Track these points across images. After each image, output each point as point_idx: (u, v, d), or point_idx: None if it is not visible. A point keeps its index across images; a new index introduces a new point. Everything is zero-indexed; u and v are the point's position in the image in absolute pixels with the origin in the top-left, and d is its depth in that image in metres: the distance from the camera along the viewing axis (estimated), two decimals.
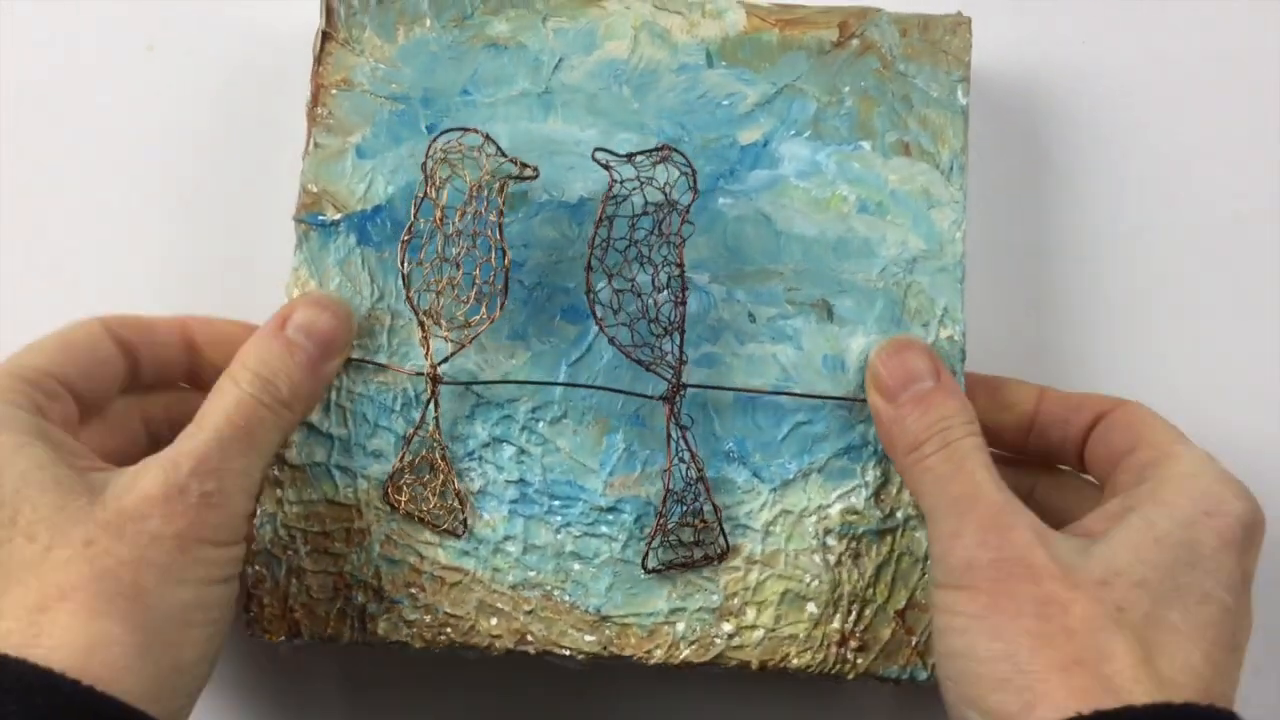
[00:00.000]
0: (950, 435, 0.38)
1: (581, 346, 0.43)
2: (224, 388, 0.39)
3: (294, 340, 0.40)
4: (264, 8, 0.45)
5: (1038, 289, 0.49)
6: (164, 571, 0.35)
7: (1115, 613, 0.34)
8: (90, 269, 0.48)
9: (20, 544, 0.34)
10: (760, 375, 0.43)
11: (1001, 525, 0.36)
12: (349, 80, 0.44)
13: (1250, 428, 0.48)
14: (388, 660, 0.45)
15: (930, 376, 0.40)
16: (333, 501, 0.42)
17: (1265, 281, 0.49)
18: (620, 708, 0.46)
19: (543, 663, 0.42)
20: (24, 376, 0.38)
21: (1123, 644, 0.33)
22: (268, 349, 0.40)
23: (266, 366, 0.39)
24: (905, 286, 0.44)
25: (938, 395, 0.39)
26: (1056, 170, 0.50)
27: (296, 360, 0.40)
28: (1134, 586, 0.34)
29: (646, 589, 0.42)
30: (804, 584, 0.42)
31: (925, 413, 0.39)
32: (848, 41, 0.45)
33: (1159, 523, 0.36)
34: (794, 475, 0.43)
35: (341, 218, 0.43)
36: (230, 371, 0.39)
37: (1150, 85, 0.50)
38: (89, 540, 0.34)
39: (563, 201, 0.44)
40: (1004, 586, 0.35)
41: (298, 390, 0.39)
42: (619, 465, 0.43)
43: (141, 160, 0.49)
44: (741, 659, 0.42)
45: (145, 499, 0.35)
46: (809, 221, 0.44)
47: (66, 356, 0.39)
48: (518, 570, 0.42)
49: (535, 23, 0.45)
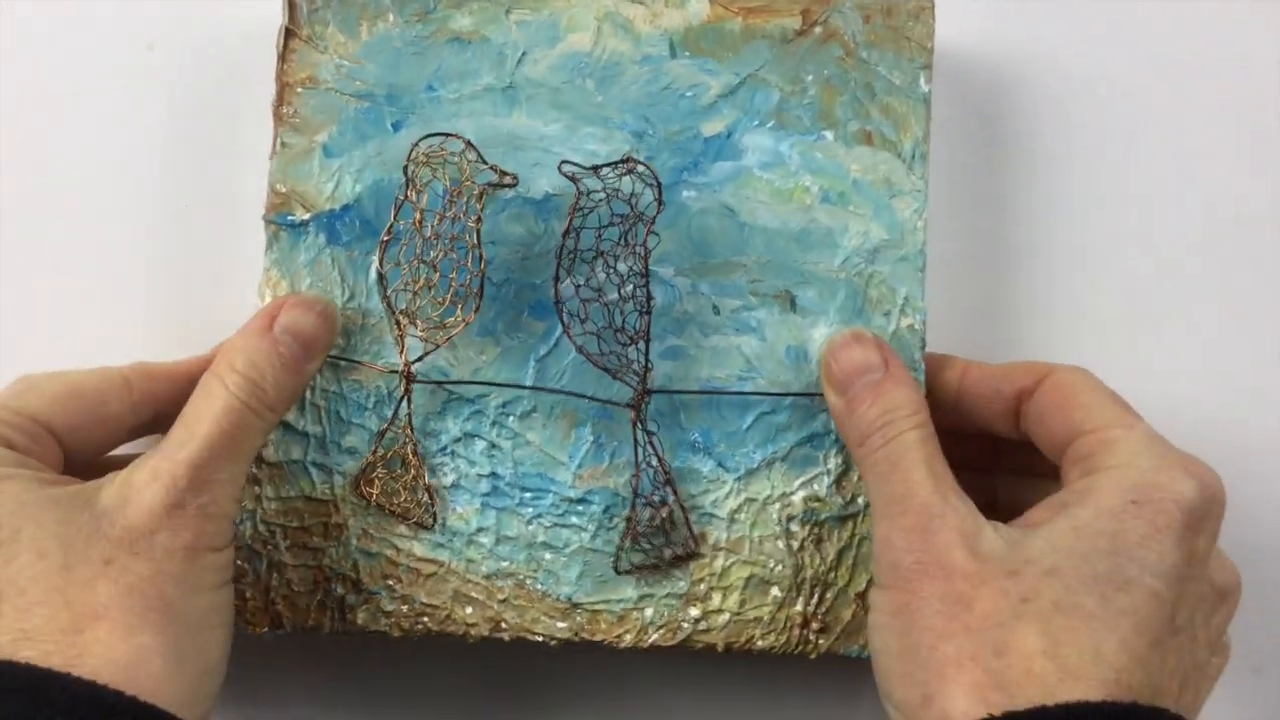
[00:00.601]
0: (892, 430, 0.38)
1: (549, 342, 0.44)
2: (212, 390, 0.39)
3: (280, 341, 0.40)
4: (265, 7, 0.44)
5: (999, 276, 0.50)
6: (181, 582, 0.36)
7: (1019, 604, 0.34)
8: (90, 268, 0.49)
9: (29, 560, 0.35)
10: (725, 367, 0.44)
11: (927, 528, 0.36)
12: (314, 78, 0.45)
13: (1208, 408, 0.49)
14: (367, 644, 0.47)
15: (879, 368, 0.40)
16: (310, 498, 0.43)
17: (1227, 268, 0.49)
18: (592, 686, 0.48)
19: (517, 646, 0.44)
20: (5, 420, 0.38)
21: (1024, 635, 0.34)
22: (255, 349, 0.40)
23: (255, 369, 0.39)
24: (867, 276, 0.44)
25: (885, 385, 0.40)
26: (1019, 157, 0.50)
27: (283, 362, 0.40)
28: (1043, 575, 0.34)
29: (616, 577, 0.43)
30: (768, 569, 0.44)
31: (873, 404, 0.39)
32: (811, 29, 0.45)
33: (1080, 514, 0.36)
34: (758, 464, 0.44)
35: (310, 217, 0.44)
36: (217, 372, 0.39)
37: (1113, 70, 0.50)
38: (108, 559, 0.35)
39: (529, 198, 0.44)
40: (916, 586, 0.35)
41: (282, 392, 0.40)
42: (587, 457, 0.44)
43: (141, 160, 0.49)
44: (708, 641, 0.43)
45: (150, 514, 0.36)
46: (772, 213, 0.45)
47: (67, 406, 0.39)
48: (491, 561, 0.43)
49: (498, 15, 0.45)
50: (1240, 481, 0.47)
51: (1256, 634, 0.36)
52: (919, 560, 0.36)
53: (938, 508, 0.36)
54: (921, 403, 0.40)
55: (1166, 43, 0.50)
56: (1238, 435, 0.48)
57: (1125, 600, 0.34)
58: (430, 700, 0.47)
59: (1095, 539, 0.35)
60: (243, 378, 0.39)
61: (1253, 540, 0.47)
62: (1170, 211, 0.50)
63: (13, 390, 0.40)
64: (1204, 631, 0.36)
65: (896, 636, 0.36)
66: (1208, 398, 0.49)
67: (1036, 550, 0.35)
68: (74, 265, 0.49)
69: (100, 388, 0.40)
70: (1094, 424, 0.38)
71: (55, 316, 0.48)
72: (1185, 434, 0.47)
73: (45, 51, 0.50)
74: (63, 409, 0.39)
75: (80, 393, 0.40)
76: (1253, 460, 0.48)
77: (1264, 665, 0.47)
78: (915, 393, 0.40)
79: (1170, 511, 0.35)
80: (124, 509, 0.36)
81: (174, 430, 0.38)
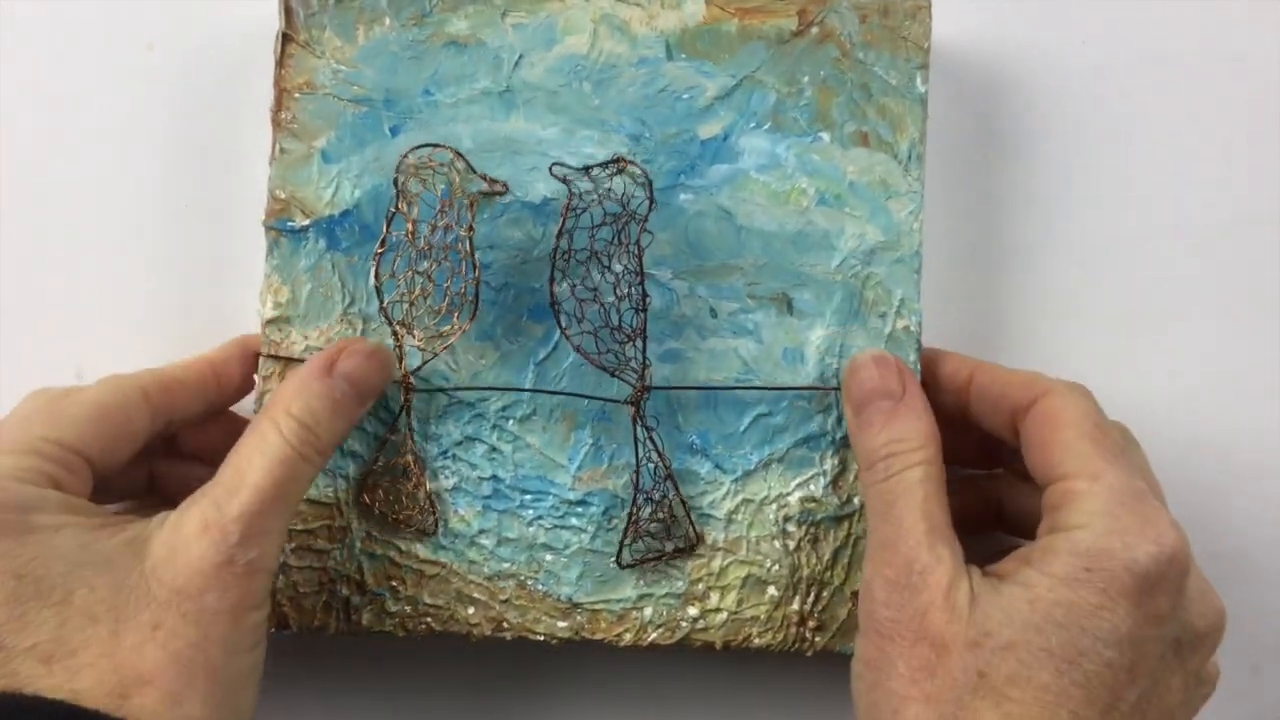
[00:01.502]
0: (895, 465, 0.39)
1: (549, 344, 0.44)
2: (266, 435, 0.38)
3: (338, 388, 0.40)
4: (265, 7, 0.44)
5: (995, 277, 0.50)
6: (225, 645, 0.36)
7: (976, 678, 0.35)
8: (90, 267, 0.49)
9: (79, 623, 0.35)
10: (722, 369, 0.44)
11: (908, 585, 0.37)
12: (311, 83, 0.45)
13: (1206, 406, 0.49)
14: (372, 643, 0.48)
15: (895, 394, 0.41)
16: (314, 501, 0.44)
17: (1224, 267, 0.50)
18: (593, 685, 0.48)
19: (519, 645, 0.45)
20: (45, 454, 0.38)
21: (978, 711, 0.34)
22: (314, 393, 0.39)
23: (311, 414, 0.39)
24: (863, 278, 0.45)
25: (899, 412, 0.40)
26: (1015, 157, 0.50)
27: (338, 407, 0.39)
28: (1000, 650, 0.35)
29: (615, 577, 0.44)
30: (765, 569, 0.44)
31: (881, 430, 0.40)
32: (807, 30, 0.45)
33: (1036, 584, 0.36)
34: (755, 465, 0.44)
35: (310, 223, 0.44)
36: (272, 415, 0.39)
37: (1110, 69, 0.50)
38: (156, 624, 0.35)
39: (526, 202, 0.44)
40: (887, 644, 0.36)
41: (335, 439, 0.40)
42: (587, 460, 0.44)
43: (141, 159, 0.49)
44: (706, 640, 0.44)
45: (199, 574, 0.36)
46: (768, 215, 0.45)
47: (98, 429, 0.39)
48: (493, 562, 0.44)
49: (494, 18, 0.45)
50: (1239, 480, 0.48)
51: (1256, 633, 0.36)
52: (893, 618, 0.37)
53: (921, 561, 0.37)
54: (930, 435, 0.40)
55: (1163, 41, 0.50)
56: (1236, 434, 0.49)
57: (1078, 673, 0.35)
58: (434, 699, 0.48)
59: (1050, 610, 0.35)
60: (298, 423, 0.38)
61: (1252, 540, 0.48)
62: (1167, 210, 0.50)
63: (39, 415, 0.39)
64: (1179, 676, 0.37)
65: (866, 689, 0.37)
66: (1206, 396, 0.49)
67: (994, 622, 0.36)
68: (74, 265, 0.49)
69: (124, 405, 0.40)
70: (1065, 470, 0.38)
71: (54, 317, 0.49)
72: (1183, 432, 0.48)
73: (45, 51, 0.50)
74: (95, 433, 0.39)
75: (107, 413, 0.39)
76: (1252, 459, 0.49)
77: (1263, 664, 0.48)
78: (926, 424, 0.40)
79: (1123, 579, 0.35)
80: (173, 564, 0.36)
81: (224, 473, 0.38)
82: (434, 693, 0.48)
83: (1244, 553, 0.47)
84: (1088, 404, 0.39)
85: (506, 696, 0.48)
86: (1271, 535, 0.39)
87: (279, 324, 0.44)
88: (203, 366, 0.43)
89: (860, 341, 0.44)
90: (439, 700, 0.48)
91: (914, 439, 0.39)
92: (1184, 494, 0.48)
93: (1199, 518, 0.48)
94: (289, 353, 0.44)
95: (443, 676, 0.48)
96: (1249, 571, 0.39)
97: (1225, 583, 0.47)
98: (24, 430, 0.38)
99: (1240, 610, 0.47)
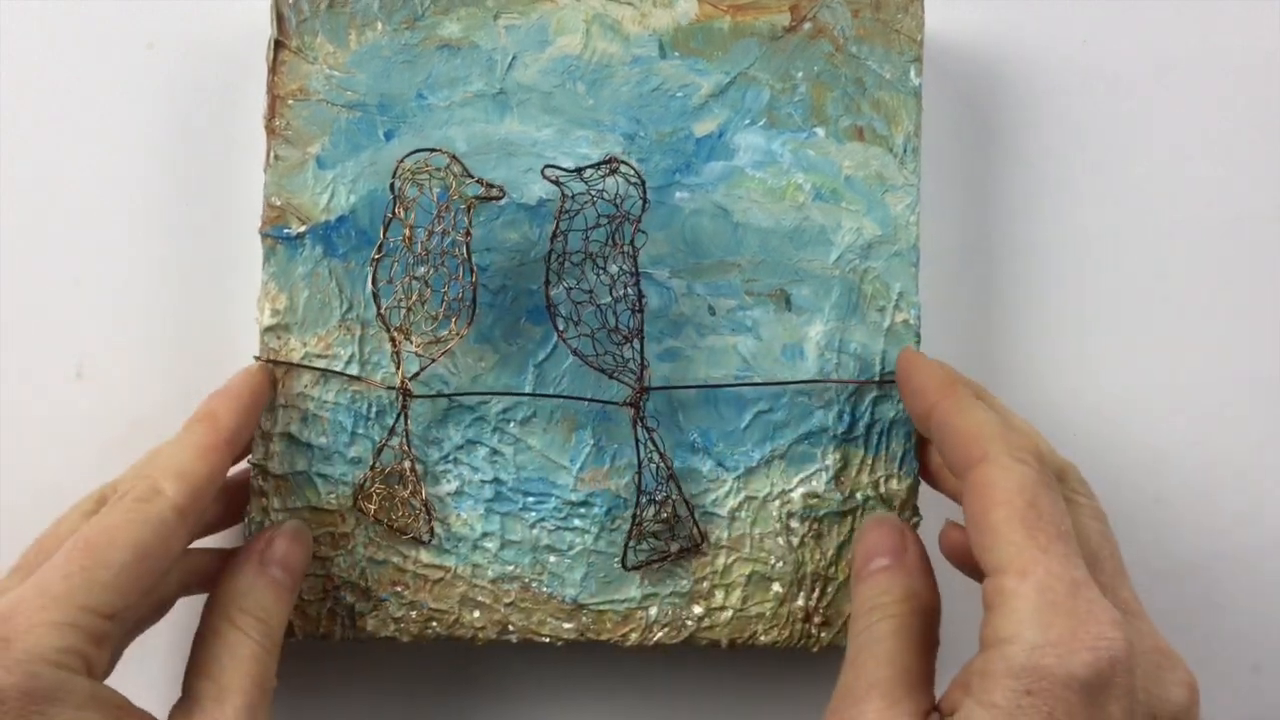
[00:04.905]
0: (874, 616, 0.38)
1: (548, 346, 0.44)
2: (229, 638, 0.39)
3: (278, 579, 0.41)
4: (265, 6, 0.44)
5: (993, 270, 0.50)
6: None
7: None
8: (90, 267, 0.49)
9: None
10: (721, 367, 0.44)
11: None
12: (305, 89, 0.45)
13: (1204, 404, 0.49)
14: (377, 648, 0.48)
15: (890, 555, 0.40)
16: (316, 508, 0.44)
17: (1220, 263, 0.50)
18: (599, 685, 0.48)
19: (525, 647, 0.45)
20: (84, 628, 0.35)
21: None
22: (256, 588, 0.40)
23: (264, 610, 0.40)
24: (861, 273, 0.45)
25: (889, 570, 0.40)
26: (1011, 149, 0.50)
27: (282, 598, 0.41)
28: None
29: (620, 577, 0.44)
30: (769, 565, 0.44)
31: (870, 586, 0.40)
32: (800, 25, 0.45)
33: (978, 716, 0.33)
34: (757, 462, 0.44)
35: (306, 230, 0.44)
36: (230, 618, 0.39)
37: (1105, 61, 0.50)
38: None
39: (522, 204, 0.44)
40: None
41: (284, 625, 0.41)
42: (588, 460, 0.44)
43: (141, 158, 0.49)
44: (712, 638, 0.44)
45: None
46: (765, 212, 0.45)
47: (138, 572, 0.37)
48: (497, 565, 0.44)
49: (486, 20, 0.45)
50: (1238, 480, 0.48)
51: (1256, 633, 0.36)
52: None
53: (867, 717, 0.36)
54: (914, 592, 0.39)
55: (1159, 35, 0.50)
56: (1234, 433, 0.49)
57: None
58: (440, 703, 0.48)
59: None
60: (257, 621, 0.39)
61: (1251, 539, 0.48)
62: (1163, 204, 0.50)
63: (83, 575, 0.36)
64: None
65: None
66: (1203, 394, 0.49)
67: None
68: (73, 264, 0.49)
69: (160, 541, 0.38)
70: (996, 561, 0.35)
71: (53, 317, 0.49)
72: (1182, 431, 0.48)
73: (45, 50, 0.50)
74: (134, 575, 0.37)
75: (147, 553, 0.37)
76: (1250, 458, 0.49)
77: (1263, 663, 0.48)
78: (916, 582, 0.39)
79: (1066, 699, 0.32)
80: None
81: (199, 684, 0.38)
82: (441, 697, 0.48)
83: (1244, 553, 0.47)
84: (1023, 475, 0.36)
85: (513, 699, 0.48)
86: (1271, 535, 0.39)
87: (277, 331, 0.44)
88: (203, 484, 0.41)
89: (860, 336, 0.44)
90: (446, 705, 0.48)
91: (895, 592, 0.39)
92: (1184, 493, 0.48)
93: (1199, 518, 0.48)
94: (288, 360, 0.44)
95: (449, 681, 0.48)
96: (1249, 572, 0.38)
97: (1225, 583, 0.47)
98: (68, 593, 0.36)
99: (1240, 610, 0.47)
